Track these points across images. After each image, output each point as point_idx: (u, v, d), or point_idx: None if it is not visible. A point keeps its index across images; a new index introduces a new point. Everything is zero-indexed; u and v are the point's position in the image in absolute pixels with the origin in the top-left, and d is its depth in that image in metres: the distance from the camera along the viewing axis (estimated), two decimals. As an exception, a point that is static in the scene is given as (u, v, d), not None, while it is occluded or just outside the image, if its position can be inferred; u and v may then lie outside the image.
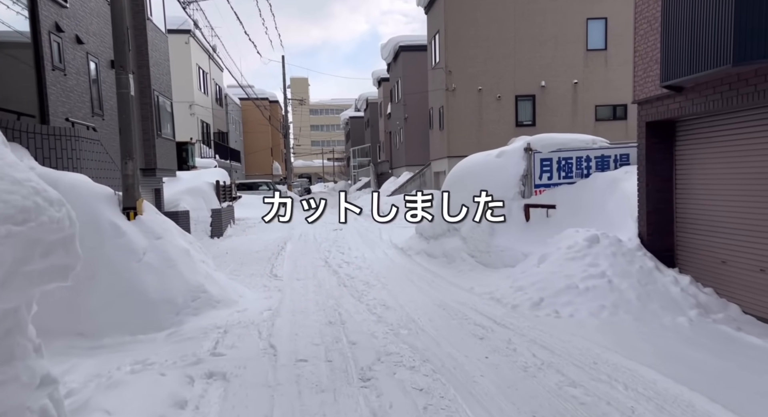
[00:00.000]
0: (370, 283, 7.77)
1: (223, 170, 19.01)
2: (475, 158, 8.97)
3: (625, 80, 20.16)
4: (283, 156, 47.25)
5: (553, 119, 20.53)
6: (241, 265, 10.01)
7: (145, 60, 13.36)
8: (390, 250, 11.03)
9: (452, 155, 20.70)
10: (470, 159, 9.13)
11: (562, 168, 7.76)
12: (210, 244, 14.47)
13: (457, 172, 9.03)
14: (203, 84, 31.17)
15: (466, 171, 8.73)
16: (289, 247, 12.51)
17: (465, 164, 8.99)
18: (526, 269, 6.73)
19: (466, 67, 20.46)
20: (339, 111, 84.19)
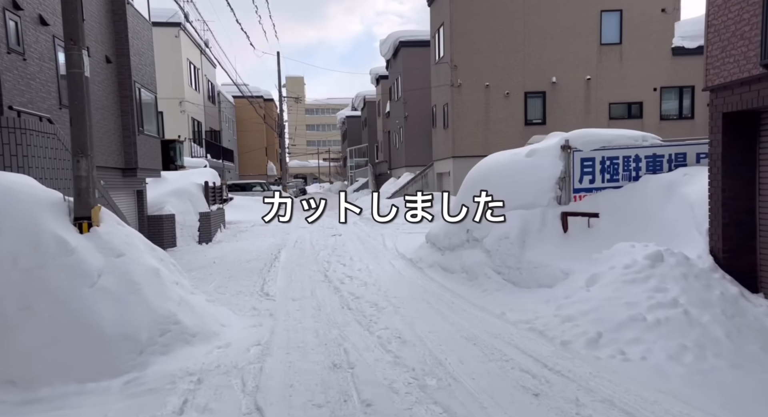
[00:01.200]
0: (380, 306, 6.55)
1: (213, 170, 17.74)
2: (498, 158, 7.77)
3: (640, 76, 19.07)
4: (278, 156, 45.98)
5: (564, 118, 19.38)
6: (227, 279, 8.76)
7: (125, 48, 12.09)
8: (397, 261, 9.81)
9: (457, 155, 19.52)
10: (492, 159, 7.92)
11: (606, 169, 6.59)
12: (197, 251, 13.23)
13: (477, 174, 7.82)
14: (194, 80, 29.86)
15: (487, 173, 7.53)
16: (283, 256, 11.27)
17: (486, 165, 7.78)
18: (571, 293, 5.52)
19: (472, 61, 19.28)
20: (335, 110, 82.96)
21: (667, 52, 18.92)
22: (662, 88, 19.12)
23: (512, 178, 7.05)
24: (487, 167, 7.67)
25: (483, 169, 7.71)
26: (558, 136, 7.42)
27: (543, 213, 6.66)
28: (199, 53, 31.15)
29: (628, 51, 18.99)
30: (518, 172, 7.02)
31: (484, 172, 7.61)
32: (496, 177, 7.30)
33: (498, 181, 7.26)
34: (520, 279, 6.57)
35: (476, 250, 7.40)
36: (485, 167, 7.72)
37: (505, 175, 7.14)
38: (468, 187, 7.82)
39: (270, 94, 47.06)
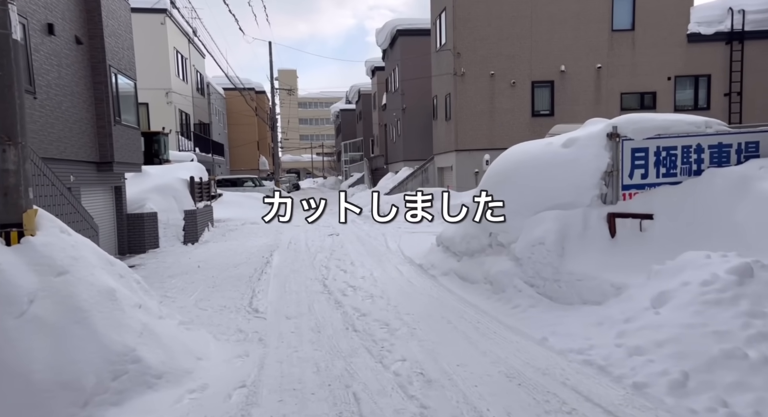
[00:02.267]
0: (391, 326, 5.45)
1: (200, 165, 16.54)
2: (526, 149, 6.66)
3: (654, 65, 18.03)
4: (270, 150, 44.70)
5: (573, 108, 18.32)
6: (211, 290, 7.63)
7: (98, 28, 10.85)
8: (405, 266, 8.70)
9: (461, 149, 18.43)
10: (518, 150, 6.81)
11: (661, 162, 5.52)
12: (181, 252, 12.08)
13: (502, 168, 6.71)
14: (182, 70, 28.53)
15: (515, 167, 6.42)
16: (276, 260, 10.14)
17: (512, 158, 6.67)
18: (633, 315, 4.45)
19: (476, 48, 18.15)
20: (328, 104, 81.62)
21: (682, 39, 17.88)
22: (676, 77, 18.09)
23: (546, 173, 5.96)
24: (513, 160, 6.56)
25: (508, 162, 6.60)
26: (600, 122, 6.33)
27: (585, 214, 5.58)
28: (187, 42, 29.81)
29: (641, 38, 17.93)
30: (553, 165, 5.92)
31: (510, 166, 6.49)
32: (525, 171, 6.20)
33: (528, 176, 6.16)
34: (559, 293, 5.49)
35: (502, 257, 6.30)
36: (511, 160, 6.61)
37: (537, 169, 6.05)
38: (493, 183, 6.71)
39: (262, 86, 45.69)
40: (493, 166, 6.96)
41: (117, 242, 12.35)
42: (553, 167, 5.91)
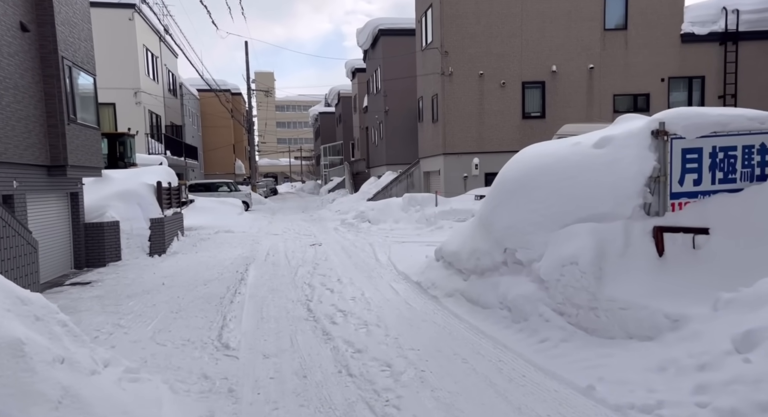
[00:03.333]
0: (395, 368, 4.40)
1: (169, 169, 15.25)
2: (545, 150, 5.68)
3: (647, 65, 17.42)
4: (247, 154, 43.25)
5: (565, 110, 17.60)
6: (175, 316, 6.47)
7: (48, 14, 9.58)
8: (400, 284, 7.65)
9: (449, 152, 17.53)
10: (535, 152, 5.83)
11: (718, 165, 4.61)
12: (146, 266, 10.84)
13: (518, 173, 5.71)
14: (153, 69, 27.08)
15: (536, 171, 5.43)
16: (252, 276, 8.99)
17: (530, 161, 5.69)
18: (710, 359, 3.50)
19: (464, 47, 17.29)
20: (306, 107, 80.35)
21: (675, 39, 17.32)
22: (670, 79, 17.52)
23: (576, 179, 5.00)
24: (532, 164, 5.57)
25: (526, 166, 5.62)
26: (635, 118, 5.41)
27: (626, 228, 4.64)
28: (158, 40, 28.37)
29: (634, 37, 17.31)
30: (585, 169, 4.97)
31: (528, 171, 5.50)
32: (548, 177, 5.22)
33: (552, 182, 5.18)
34: (597, 324, 4.52)
35: (521, 277, 5.31)
36: (529, 164, 5.62)
37: (565, 174, 5.08)
38: (505, 192, 5.71)
39: (238, 87, 44.29)
40: (506, 172, 5.96)
41: (73, 255, 11.04)
42: (584, 171, 4.96)
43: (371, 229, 15.23)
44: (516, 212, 5.47)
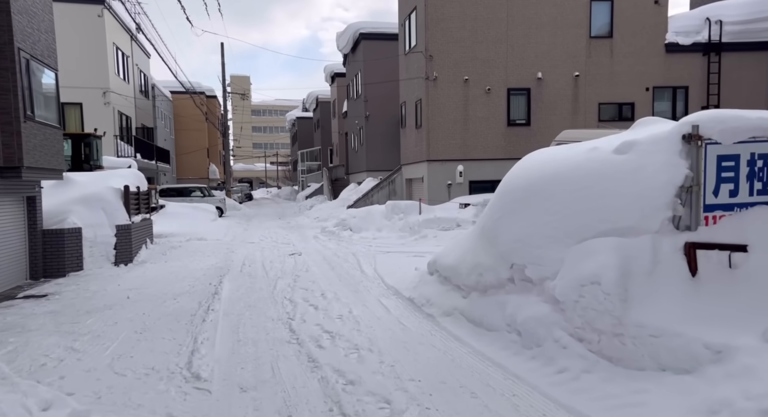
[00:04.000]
0: (395, 405, 3.80)
1: (138, 172, 14.36)
2: (557, 156, 5.14)
3: (632, 74, 17.29)
4: (221, 158, 42.14)
5: (550, 118, 17.33)
6: (139, 337, 5.73)
7: (3, 2, 8.72)
8: (390, 300, 7.03)
9: (433, 159, 17.05)
10: (548, 157, 5.30)
11: (757, 174, 4.14)
12: (110, 277, 10.00)
13: (526, 181, 5.17)
14: (123, 69, 25.99)
15: (548, 179, 4.90)
16: (226, 289, 8.27)
17: (540, 167, 5.15)
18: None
19: (450, 52, 16.88)
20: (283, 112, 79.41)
21: (660, 49, 17.25)
22: (655, 88, 17.43)
23: (593, 188, 4.49)
24: (540, 171, 5.05)
25: (534, 173, 5.08)
26: (658, 122, 4.94)
27: (654, 244, 4.14)
28: (130, 39, 27.30)
29: (620, 45, 17.17)
30: (603, 177, 4.46)
31: (538, 179, 4.97)
32: (562, 186, 4.70)
33: (567, 191, 4.66)
34: (624, 353, 4.00)
35: (531, 297, 4.77)
36: (537, 171, 5.09)
37: (581, 183, 4.57)
38: (512, 202, 5.17)
39: (213, 90, 43.16)
40: (512, 179, 5.43)
41: (28, 265, 10.11)
42: (604, 180, 4.45)
43: (353, 237, 14.60)
44: (525, 224, 4.93)
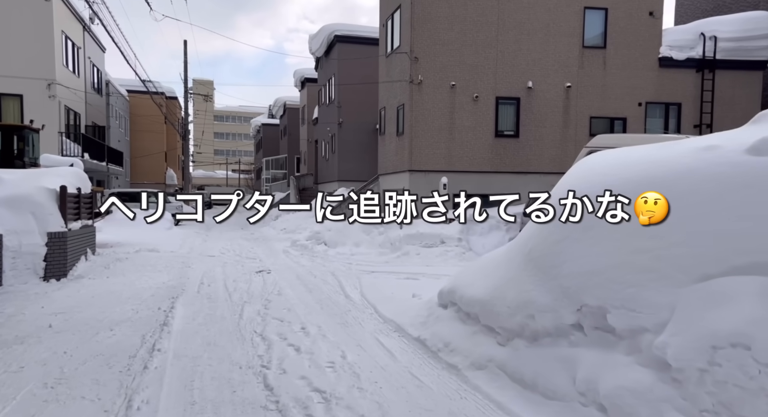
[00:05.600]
0: None
1: (79, 171, 12.39)
2: (654, 155, 3.73)
3: (625, 88, 16.50)
4: (180, 163, 39.72)
5: (540, 130, 16.32)
6: (46, 395, 4.04)
7: None
8: (392, 339, 5.52)
9: (416, 169, 15.71)
10: (637, 156, 3.87)
11: None
12: (35, 296, 8.18)
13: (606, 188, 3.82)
14: (73, 61, 23.71)
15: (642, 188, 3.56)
16: (179, 316, 6.60)
17: (625, 170, 3.77)
18: None
19: (436, 55, 15.69)
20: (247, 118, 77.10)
21: (653, 62, 16.57)
22: (647, 104, 16.69)
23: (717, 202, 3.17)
24: (624, 178, 3.72)
25: (615, 181, 3.75)
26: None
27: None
28: (82, 29, 25.04)
29: (613, 57, 16.39)
30: (734, 186, 3.15)
31: (624, 189, 3.63)
32: (668, 198, 3.37)
33: (676, 207, 3.34)
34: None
35: (616, 355, 3.38)
36: (620, 179, 3.76)
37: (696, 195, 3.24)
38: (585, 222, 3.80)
39: (173, 91, 40.75)
40: (579, 187, 4.06)
41: (-72, 280, 8.12)
42: (735, 191, 3.14)
43: (328, 253, 13.03)
44: (604, 251, 3.57)
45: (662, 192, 3.39)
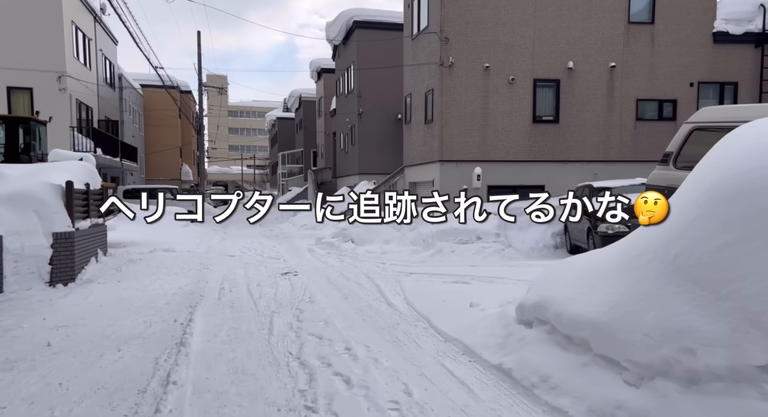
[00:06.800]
0: None
1: (88, 166, 11.44)
2: None
3: (675, 67, 15.11)
4: (196, 159, 38.98)
5: (581, 115, 15.04)
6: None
7: None
8: (462, 365, 4.39)
9: (447, 159, 14.55)
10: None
11: None
12: (38, 304, 7.33)
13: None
14: (84, 53, 22.89)
15: None
16: (198, 332, 5.58)
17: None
18: None
19: (468, 34, 14.47)
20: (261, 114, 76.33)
21: (707, 38, 15.16)
22: (700, 84, 15.30)
23: None
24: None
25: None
26: None
27: None
28: (93, 20, 24.21)
29: (662, 33, 15.02)
30: None
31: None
32: None
33: None
34: None
35: None
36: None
37: None
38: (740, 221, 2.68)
39: (188, 85, 40.02)
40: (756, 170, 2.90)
41: None
42: None
43: (357, 251, 11.96)
44: None
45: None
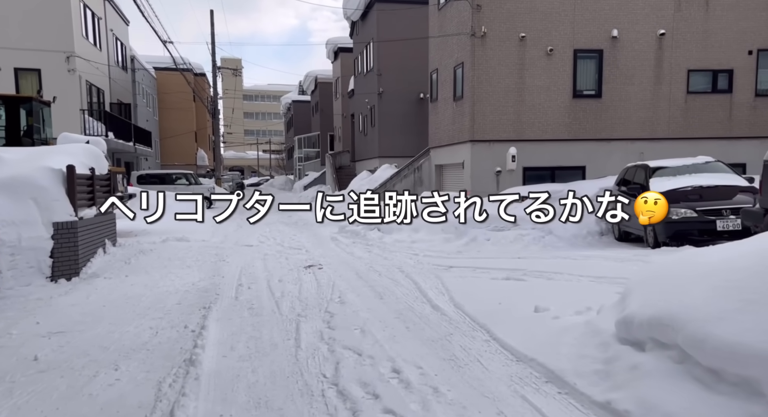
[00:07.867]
0: None
1: (93, 148, 10.54)
2: None
3: (731, 33, 13.64)
4: (211, 143, 38.21)
5: (626, 89, 13.74)
6: None
7: None
8: (550, 400, 3.37)
9: (478, 139, 13.40)
10: None
11: None
12: (36, 303, 6.63)
13: None
14: (94, 33, 21.98)
15: None
16: (212, 344, 4.65)
17: None
18: None
19: (502, 0, 13.18)
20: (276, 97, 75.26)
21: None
22: (759, 51, 13.84)
23: None
24: None
25: None
26: None
27: None
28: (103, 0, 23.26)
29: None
30: None
31: None
32: None
33: None
34: None
35: None
36: None
37: None
38: None
39: (201, 67, 39.06)
40: None
41: None
42: None
43: (384, 240, 10.96)
44: None
45: None
